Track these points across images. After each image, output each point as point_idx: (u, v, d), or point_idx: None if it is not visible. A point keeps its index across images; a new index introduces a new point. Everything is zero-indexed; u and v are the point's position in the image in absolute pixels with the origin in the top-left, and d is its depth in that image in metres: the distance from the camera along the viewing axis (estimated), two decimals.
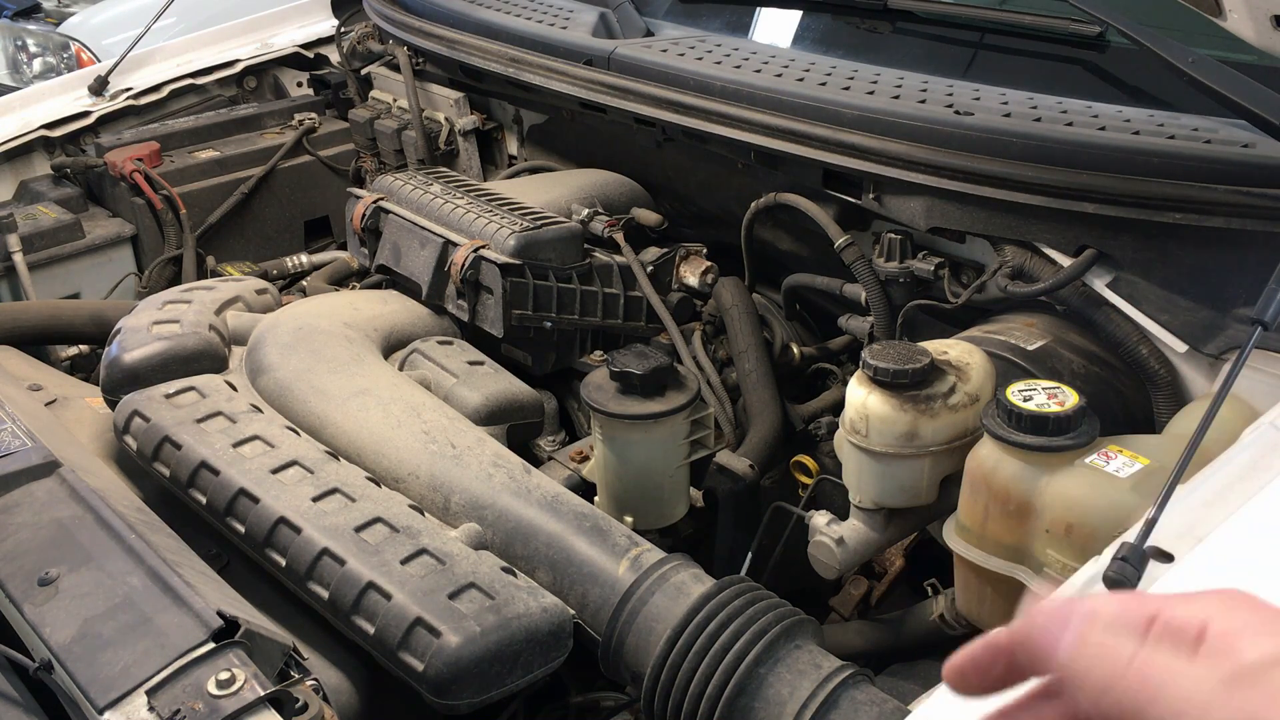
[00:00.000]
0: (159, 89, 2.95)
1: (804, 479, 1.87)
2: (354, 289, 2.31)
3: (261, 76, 3.19)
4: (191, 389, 1.67)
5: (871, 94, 1.78)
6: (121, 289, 2.68)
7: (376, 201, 2.16)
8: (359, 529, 1.37)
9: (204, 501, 1.49)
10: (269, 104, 3.09)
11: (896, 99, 1.74)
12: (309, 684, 1.13)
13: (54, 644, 1.15)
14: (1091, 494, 1.26)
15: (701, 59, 2.03)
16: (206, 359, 1.79)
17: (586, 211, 2.20)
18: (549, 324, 1.99)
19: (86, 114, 2.81)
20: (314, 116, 2.99)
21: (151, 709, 1.06)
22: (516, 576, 1.36)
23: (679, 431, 1.65)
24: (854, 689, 1.22)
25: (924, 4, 2.04)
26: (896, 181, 1.72)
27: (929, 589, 1.69)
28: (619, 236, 2.15)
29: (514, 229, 1.96)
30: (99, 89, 2.86)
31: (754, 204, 2.03)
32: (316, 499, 1.42)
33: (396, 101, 2.84)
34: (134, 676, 1.09)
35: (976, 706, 0.56)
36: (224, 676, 1.07)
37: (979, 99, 1.69)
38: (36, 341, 2.20)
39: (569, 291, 2.01)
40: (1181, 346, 1.52)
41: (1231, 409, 1.34)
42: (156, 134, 2.82)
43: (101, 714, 1.06)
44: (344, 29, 3.11)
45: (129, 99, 2.89)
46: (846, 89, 1.81)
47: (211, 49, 3.08)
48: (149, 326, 1.81)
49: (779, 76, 1.90)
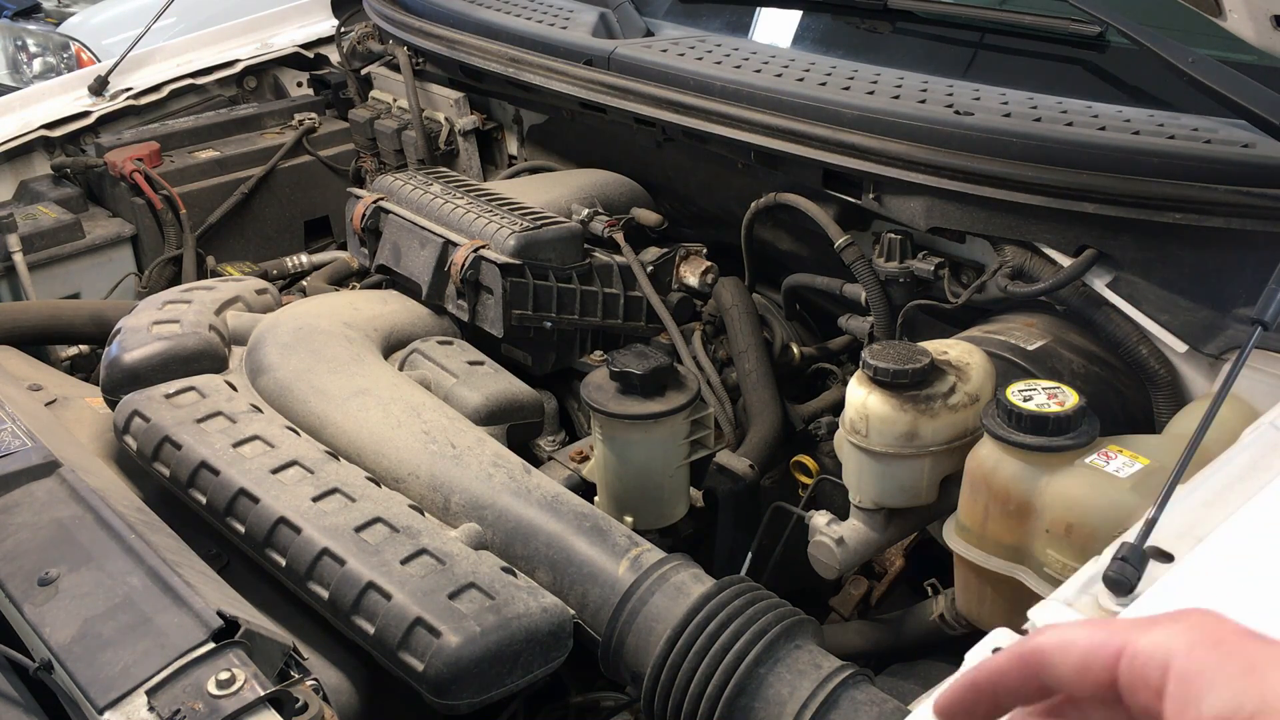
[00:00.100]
0: (159, 89, 2.95)
1: (804, 479, 1.87)
2: (354, 289, 2.31)
3: (261, 76, 3.19)
4: (191, 389, 1.67)
5: (871, 94, 1.78)
6: (121, 289, 2.68)
7: (376, 201, 2.16)
8: (359, 529, 1.37)
9: (204, 501, 1.49)
10: (269, 104, 3.09)
11: (896, 99, 1.74)
12: (309, 684, 1.13)
13: (54, 644, 1.15)
14: (1091, 494, 1.26)
15: (701, 59, 2.03)
16: (206, 359, 1.79)
17: (586, 211, 2.19)
18: (549, 324, 1.99)
19: (86, 114, 2.81)
20: (314, 116, 2.99)
21: (151, 709, 1.06)
22: (516, 576, 1.36)
23: (679, 431, 1.65)
24: (854, 689, 1.22)
25: (924, 4, 2.04)
26: (896, 181, 1.72)
27: (929, 589, 1.69)
28: (619, 236, 2.15)
29: (514, 229, 1.96)
30: (99, 89, 2.86)
31: (754, 204, 2.03)
32: (316, 499, 1.42)
33: (396, 101, 2.84)
34: (134, 676, 1.09)
35: None
36: (224, 676, 1.07)
37: (979, 99, 1.69)
38: (36, 341, 2.20)
39: (569, 291, 2.01)
40: (1181, 346, 1.52)
41: (1231, 409, 1.34)
42: (156, 134, 2.82)
43: (101, 714, 1.06)
44: (344, 29, 3.11)
45: (129, 99, 2.89)
46: (846, 89, 1.81)
47: (211, 49, 3.08)
48: (149, 326, 1.81)
49: (779, 76, 1.90)
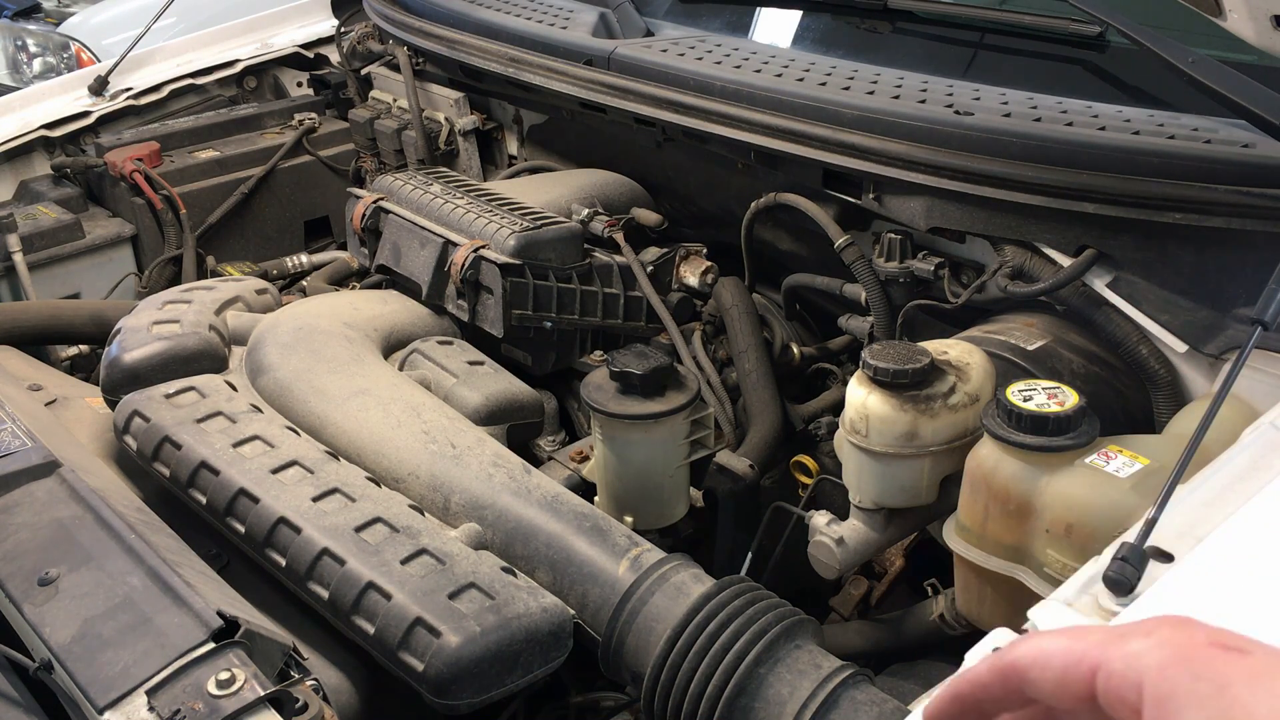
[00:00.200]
0: (159, 89, 2.95)
1: (804, 479, 1.87)
2: (354, 289, 2.31)
3: (261, 76, 3.19)
4: (191, 389, 1.67)
5: (871, 94, 1.78)
6: (121, 289, 2.68)
7: (376, 201, 2.16)
8: (359, 529, 1.37)
9: (204, 501, 1.49)
10: (269, 104, 3.09)
11: (896, 99, 1.74)
12: (309, 684, 1.13)
13: (54, 644, 1.15)
14: (1091, 494, 1.26)
15: (701, 59, 2.03)
16: (206, 359, 1.79)
17: (586, 211, 2.19)
18: (549, 324, 1.99)
19: (86, 114, 2.81)
20: (314, 116, 2.99)
21: (151, 709, 1.06)
22: (516, 576, 1.36)
23: (679, 431, 1.65)
24: (854, 689, 1.22)
25: (924, 4, 2.04)
26: (896, 181, 1.72)
27: (929, 589, 1.69)
28: (619, 236, 2.15)
29: (514, 229, 1.96)
30: (99, 89, 2.86)
31: (754, 204, 2.03)
32: (316, 499, 1.42)
33: (396, 101, 2.84)
34: (134, 676, 1.09)
35: None
36: (224, 676, 1.07)
37: (979, 99, 1.69)
38: (36, 341, 2.19)
39: (569, 291, 2.01)
40: (1181, 346, 1.52)
41: (1231, 409, 1.34)
42: (156, 134, 2.82)
43: (101, 714, 1.06)
44: (344, 29, 3.11)
45: (129, 99, 2.89)
46: (846, 89, 1.81)
47: (211, 49, 3.08)
48: (149, 326, 1.81)
49: (779, 76, 1.90)
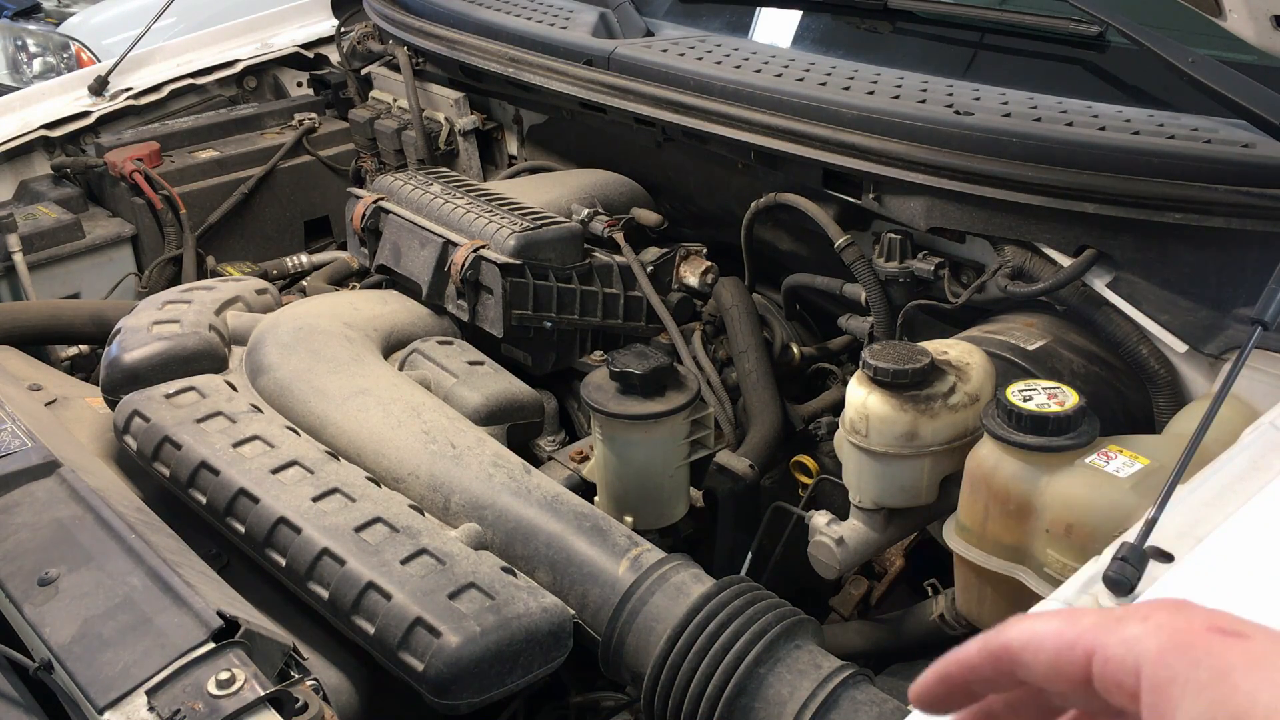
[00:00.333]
0: (159, 89, 2.95)
1: (804, 479, 1.87)
2: (354, 289, 2.31)
3: (261, 76, 3.19)
4: (191, 389, 1.67)
5: (871, 94, 1.78)
6: (121, 289, 2.68)
7: (376, 201, 2.16)
8: (359, 529, 1.37)
9: (204, 501, 1.49)
10: (269, 104, 3.09)
11: (896, 99, 1.74)
12: (309, 684, 1.13)
13: (54, 644, 1.15)
14: (1091, 494, 1.26)
15: (701, 59, 2.03)
16: (206, 359, 1.79)
17: (586, 211, 2.19)
18: (549, 324, 1.99)
19: (86, 114, 2.81)
20: (314, 116, 2.99)
21: (151, 709, 1.06)
22: (516, 576, 1.36)
23: (679, 431, 1.65)
24: (854, 689, 1.22)
25: (924, 4, 2.04)
26: (896, 181, 1.72)
27: (929, 589, 1.69)
28: (619, 236, 2.15)
29: (514, 229, 1.96)
30: (99, 89, 2.86)
31: (754, 204, 2.03)
32: (316, 499, 1.42)
33: (396, 101, 2.84)
34: (134, 676, 1.09)
35: None
36: (224, 676, 1.07)
37: (979, 99, 1.69)
38: (36, 341, 2.20)
39: (569, 291, 2.01)
40: (1181, 346, 1.52)
41: (1231, 409, 1.34)
42: (156, 134, 2.82)
43: (101, 714, 1.06)
44: (344, 29, 3.11)
45: (129, 99, 2.89)
46: (846, 89, 1.81)
47: (211, 49, 3.08)
48: (149, 326, 1.81)
49: (779, 76, 1.90)
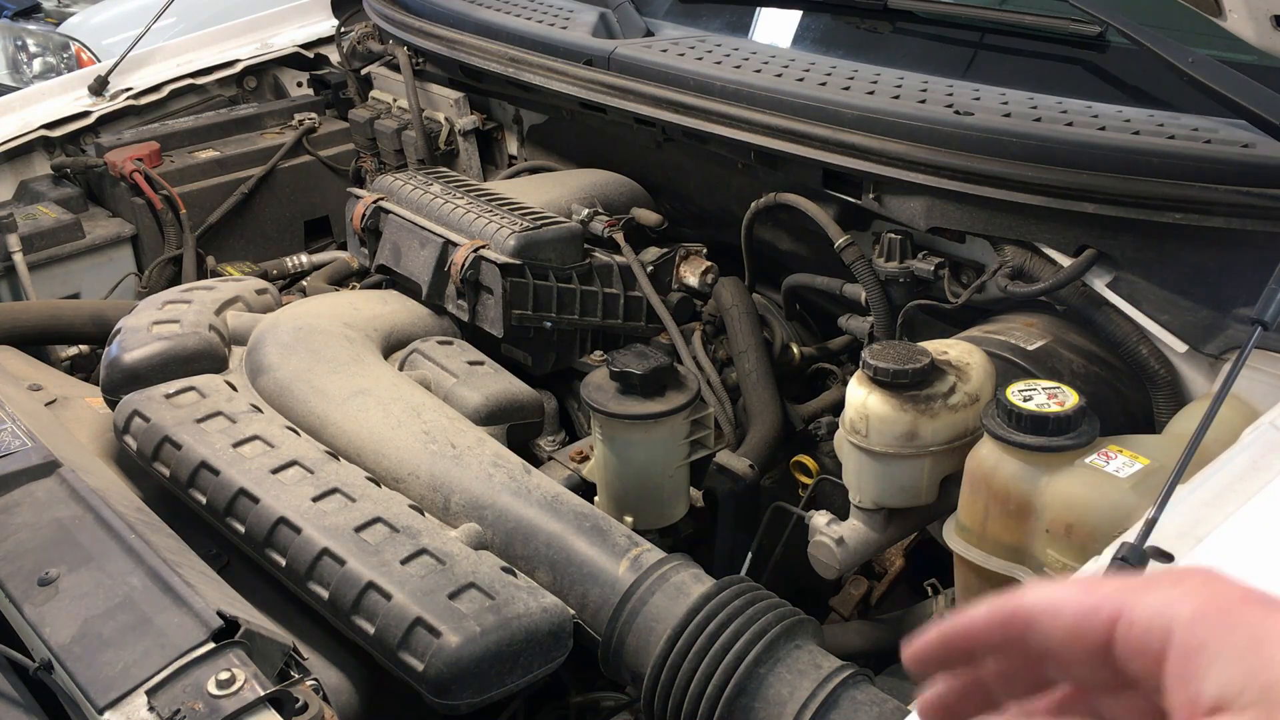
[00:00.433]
0: (159, 89, 2.95)
1: (804, 479, 1.87)
2: (354, 289, 2.31)
3: (261, 76, 3.19)
4: (191, 389, 1.67)
5: (871, 94, 1.78)
6: (121, 289, 2.68)
7: (376, 201, 2.16)
8: (359, 529, 1.37)
9: (204, 501, 1.49)
10: (269, 104, 3.09)
11: (896, 99, 1.74)
12: (309, 684, 1.13)
13: (54, 644, 1.15)
14: (1091, 494, 1.26)
15: (701, 59, 2.03)
16: (206, 359, 1.79)
17: (586, 211, 2.19)
18: (549, 324, 1.99)
19: (86, 114, 2.81)
20: (314, 116, 2.99)
21: (151, 709, 1.06)
22: (516, 576, 1.36)
23: (679, 431, 1.65)
24: (854, 689, 1.22)
25: (924, 4, 2.04)
26: (896, 181, 1.72)
27: (929, 589, 1.69)
28: (619, 236, 2.15)
29: (514, 229, 1.96)
30: (99, 89, 2.86)
31: (754, 204, 2.03)
32: (316, 499, 1.42)
33: (396, 101, 2.84)
34: (134, 676, 1.09)
35: None
36: (224, 676, 1.07)
37: (979, 99, 1.69)
38: (36, 341, 2.20)
39: (569, 291, 2.01)
40: (1181, 346, 1.52)
41: (1231, 409, 1.34)
42: (156, 134, 2.82)
43: (101, 714, 1.06)
44: (344, 29, 3.11)
45: (129, 99, 2.89)
46: (846, 89, 1.81)
47: (211, 49, 3.08)
48: (149, 326, 1.81)
49: (779, 76, 1.90)
